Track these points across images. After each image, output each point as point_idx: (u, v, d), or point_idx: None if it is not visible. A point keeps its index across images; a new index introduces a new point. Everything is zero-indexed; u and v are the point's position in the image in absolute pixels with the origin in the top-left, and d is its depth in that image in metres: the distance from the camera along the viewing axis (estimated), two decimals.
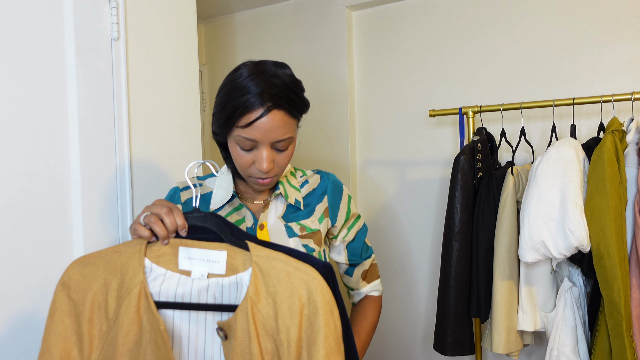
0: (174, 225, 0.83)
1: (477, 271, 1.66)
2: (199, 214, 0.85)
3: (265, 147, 0.96)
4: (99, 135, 1.24)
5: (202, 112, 2.70)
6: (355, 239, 1.19)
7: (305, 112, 1.04)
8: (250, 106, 0.92)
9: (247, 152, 0.98)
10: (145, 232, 0.83)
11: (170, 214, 0.83)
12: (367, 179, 2.43)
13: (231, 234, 0.85)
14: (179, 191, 1.11)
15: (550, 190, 1.40)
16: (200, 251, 0.84)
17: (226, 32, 2.70)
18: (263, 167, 0.96)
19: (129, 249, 0.84)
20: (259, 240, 0.86)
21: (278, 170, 1.02)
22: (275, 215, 1.10)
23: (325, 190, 1.14)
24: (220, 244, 0.84)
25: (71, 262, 0.85)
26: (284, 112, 0.95)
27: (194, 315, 0.85)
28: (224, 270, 0.83)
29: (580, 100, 1.67)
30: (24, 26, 1.11)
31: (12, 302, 1.09)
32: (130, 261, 0.83)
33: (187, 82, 1.51)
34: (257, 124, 0.93)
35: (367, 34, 2.39)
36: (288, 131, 0.97)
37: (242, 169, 1.01)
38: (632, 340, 1.34)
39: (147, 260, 0.84)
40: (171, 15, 1.46)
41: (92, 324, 0.82)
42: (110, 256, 0.84)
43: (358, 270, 1.20)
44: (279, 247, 0.85)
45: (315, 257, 0.85)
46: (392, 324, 2.40)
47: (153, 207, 0.86)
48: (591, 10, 1.94)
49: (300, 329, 0.78)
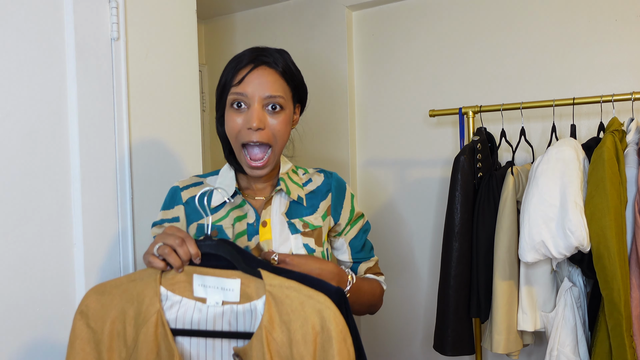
0: (187, 255, 0.85)
1: (477, 271, 1.66)
2: (211, 241, 0.86)
3: (256, 103, 0.99)
4: (98, 135, 1.24)
5: (202, 112, 2.70)
6: (358, 236, 1.18)
7: (302, 93, 1.09)
8: (241, 63, 1.00)
9: (239, 113, 1.00)
10: (160, 263, 0.85)
11: (183, 244, 0.85)
12: (367, 178, 2.43)
13: (244, 261, 0.86)
14: (180, 191, 1.11)
15: (551, 190, 1.40)
16: (214, 279, 0.86)
17: (226, 32, 2.70)
18: (253, 119, 0.98)
19: (144, 277, 0.86)
20: (271, 266, 0.87)
21: (271, 139, 1.01)
22: (278, 211, 1.09)
23: (329, 188, 1.14)
24: (233, 272, 0.85)
25: (87, 291, 0.87)
26: (274, 70, 1.01)
27: (210, 342, 0.87)
28: (238, 297, 0.85)
29: (580, 100, 1.67)
30: (24, 26, 1.11)
31: (12, 302, 1.09)
32: (147, 290, 0.85)
33: (187, 82, 1.51)
34: (247, 78, 0.99)
35: (367, 34, 2.39)
36: (279, 89, 1.00)
37: (235, 138, 1.02)
38: (632, 340, 1.34)
39: (162, 289, 0.86)
40: (171, 15, 1.46)
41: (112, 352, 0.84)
42: (126, 285, 0.86)
43: (362, 267, 1.19)
44: (291, 274, 0.86)
45: (328, 283, 0.86)
46: (392, 324, 2.40)
47: (165, 237, 0.87)
48: (591, 10, 1.94)
49: (314, 357, 0.80)
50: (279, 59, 1.03)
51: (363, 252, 1.19)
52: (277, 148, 1.04)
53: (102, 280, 1.24)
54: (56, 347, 1.16)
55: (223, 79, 1.03)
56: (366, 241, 1.21)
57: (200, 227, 1.08)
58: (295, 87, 1.06)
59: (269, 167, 1.05)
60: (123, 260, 1.29)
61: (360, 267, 1.19)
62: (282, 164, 1.14)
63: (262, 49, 1.04)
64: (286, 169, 1.14)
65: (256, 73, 0.99)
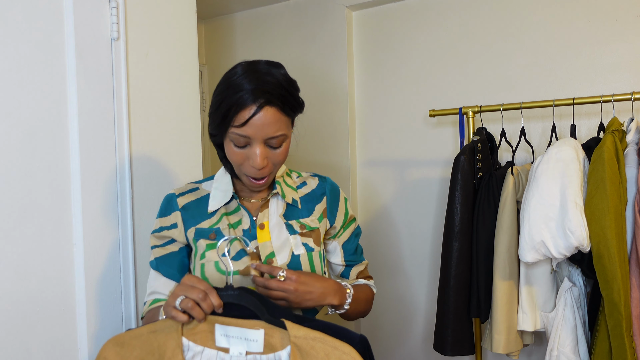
0: (210, 308, 0.85)
1: (477, 271, 1.66)
2: (233, 291, 0.86)
3: (259, 144, 0.97)
4: (98, 135, 1.24)
5: (202, 112, 2.70)
6: (350, 239, 1.20)
7: (300, 112, 1.05)
8: (243, 103, 0.94)
9: (241, 150, 0.99)
10: (184, 317, 0.85)
11: (206, 298, 0.85)
12: (367, 179, 2.43)
13: (267, 311, 0.86)
14: (175, 197, 1.12)
15: (550, 190, 1.40)
16: (237, 329, 0.85)
17: (226, 32, 2.70)
18: (256, 163, 0.98)
19: (165, 328, 0.86)
20: (294, 315, 0.87)
21: (272, 168, 1.03)
22: (276, 213, 1.11)
23: (324, 191, 1.16)
24: (256, 322, 0.85)
25: (105, 343, 0.86)
26: (276, 109, 0.96)
27: None
28: (262, 348, 0.85)
29: (580, 100, 1.67)
30: (24, 26, 1.11)
31: (12, 302, 1.09)
32: (169, 341, 0.85)
33: (187, 82, 1.51)
34: (250, 122, 0.95)
35: (367, 34, 2.39)
36: (280, 128, 0.98)
37: (237, 167, 1.02)
38: (632, 340, 1.34)
39: (183, 339, 0.86)
40: (171, 15, 1.46)
41: None
42: (146, 336, 0.86)
43: (354, 270, 1.21)
44: (315, 323, 0.86)
45: (352, 332, 0.87)
46: (392, 324, 2.40)
47: (187, 289, 0.86)
48: (591, 10, 1.94)
49: None
50: (278, 86, 0.96)
51: (355, 255, 1.21)
52: (276, 170, 1.06)
53: (101, 280, 1.24)
54: (56, 347, 1.16)
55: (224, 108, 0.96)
56: (358, 245, 1.22)
57: (198, 231, 1.08)
58: (294, 111, 1.02)
59: (269, 183, 1.08)
60: (123, 260, 1.29)
61: (352, 271, 1.21)
62: None
63: (262, 80, 0.95)
64: (281, 172, 1.16)
65: (259, 116, 0.95)
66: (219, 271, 1.04)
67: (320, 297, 1.00)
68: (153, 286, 1.10)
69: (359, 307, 1.13)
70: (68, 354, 1.19)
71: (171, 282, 1.09)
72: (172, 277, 1.10)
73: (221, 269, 1.04)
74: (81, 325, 1.21)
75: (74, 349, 1.20)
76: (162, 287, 1.09)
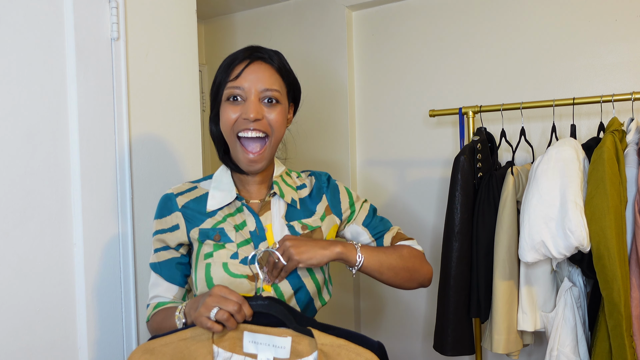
0: (243, 319, 0.88)
1: (477, 271, 1.66)
2: (263, 301, 0.89)
3: (253, 97, 1.01)
4: (98, 135, 1.24)
5: (202, 112, 2.70)
6: (369, 215, 1.17)
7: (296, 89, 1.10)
8: (237, 59, 1.02)
9: (236, 107, 1.02)
10: (219, 328, 0.87)
11: (240, 311, 0.87)
12: (367, 179, 2.43)
13: (295, 320, 0.89)
14: (174, 197, 1.10)
15: (550, 190, 1.40)
16: (265, 337, 0.88)
17: (226, 32, 2.70)
18: (250, 109, 0.99)
19: (195, 336, 0.88)
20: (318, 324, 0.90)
21: (267, 127, 1.02)
22: (278, 215, 1.10)
23: (321, 188, 1.16)
24: (284, 330, 0.88)
25: (134, 350, 0.88)
26: (270, 65, 1.03)
27: None
28: (289, 354, 0.88)
29: (580, 100, 1.67)
30: (24, 26, 1.11)
31: (12, 302, 1.09)
32: (200, 349, 0.88)
33: (187, 82, 1.51)
34: (244, 73, 1.01)
35: (367, 34, 2.39)
36: (275, 83, 1.03)
37: (230, 126, 1.03)
38: (632, 340, 1.34)
39: (214, 346, 0.88)
40: (171, 15, 1.46)
41: None
42: (177, 344, 0.88)
43: (386, 238, 1.16)
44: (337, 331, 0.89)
45: (370, 339, 0.89)
46: (392, 323, 2.40)
47: (221, 301, 0.87)
48: (591, 10, 1.94)
49: None
50: (274, 56, 1.06)
51: (381, 225, 1.17)
52: (273, 140, 1.05)
53: (101, 280, 1.24)
54: (56, 347, 1.16)
55: (218, 78, 1.05)
56: (380, 218, 1.19)
57: (202, 231, 1.07)
58: (289, 84, 1.08)
59: (265, 160, 1.05)
60: (123, 260, 1.30)
61: (385, 240, 1.16)
62: (275, 167, 1.14)
63: (256, 46, 1.06)
64: (279, 171, 1.15)
65: (252, 67, 1.02)
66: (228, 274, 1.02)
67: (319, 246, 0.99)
68: (155, 290, 1.10)
69: (394, 262, 1.06)
70: (68, 354, 1.19)
71: (173, 287, 1.09)
72: (173, 282, 1.09)
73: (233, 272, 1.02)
74: (81, 325, 1.21)
75: (74, 349, 1.20)
76: (164, 292, 1.09)
